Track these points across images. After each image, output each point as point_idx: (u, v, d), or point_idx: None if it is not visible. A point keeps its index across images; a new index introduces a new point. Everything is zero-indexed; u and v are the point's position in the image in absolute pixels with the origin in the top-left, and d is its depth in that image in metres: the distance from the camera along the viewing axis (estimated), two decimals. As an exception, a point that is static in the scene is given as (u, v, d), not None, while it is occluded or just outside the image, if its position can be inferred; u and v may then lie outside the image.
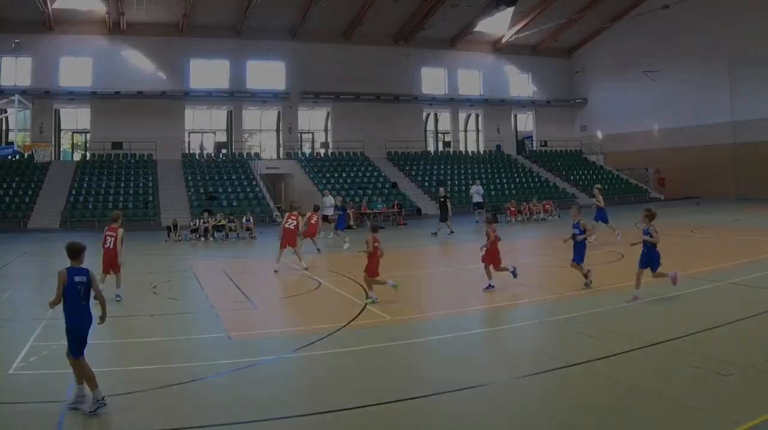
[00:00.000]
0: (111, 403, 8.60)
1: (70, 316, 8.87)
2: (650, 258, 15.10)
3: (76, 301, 8.88)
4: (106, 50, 57.55)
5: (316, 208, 28.02)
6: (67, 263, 9.19)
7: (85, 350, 8.92)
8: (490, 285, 16.94)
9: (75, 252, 9.21)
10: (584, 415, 8.27)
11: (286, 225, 22.69)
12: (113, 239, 16.71)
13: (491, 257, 17.16)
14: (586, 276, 16.72)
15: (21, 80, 55.12)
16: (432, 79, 67.77)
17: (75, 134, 61.60)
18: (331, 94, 63.30)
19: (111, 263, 16.70)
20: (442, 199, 35.83)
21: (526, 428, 8.19)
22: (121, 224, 17.36)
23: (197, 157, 59.55)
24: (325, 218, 34.94)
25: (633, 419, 8.11)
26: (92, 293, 9.17)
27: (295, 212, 23.35)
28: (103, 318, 9.49)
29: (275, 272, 21.43)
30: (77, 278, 8.92)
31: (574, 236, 17.29)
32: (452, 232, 33.69)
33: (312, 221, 26.58)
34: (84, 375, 8.73)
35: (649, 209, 15.44)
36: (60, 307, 8.99)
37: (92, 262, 10.84)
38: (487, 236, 17.22)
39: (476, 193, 42.15)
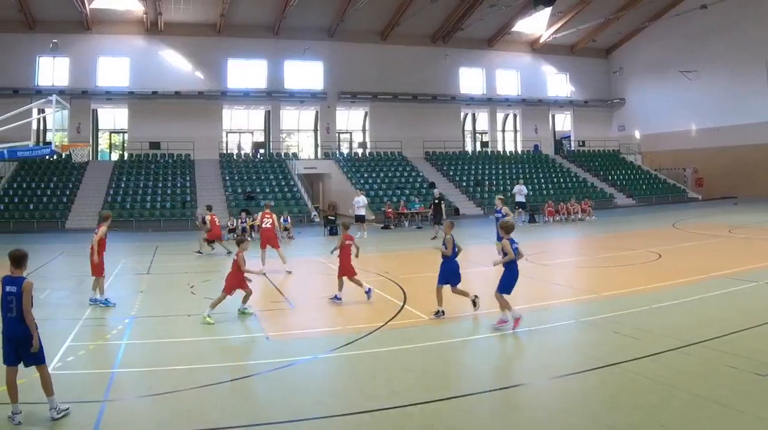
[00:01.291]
0: (149, 402, 8.79)
1: None
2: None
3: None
4: (143, 50, 55.50)
5: (210, 208, 27.02)
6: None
7: (8, 362, 8.34)
8: (336, 297, 15.84)
9: (17, 260, 8.57)
10: (621, 415, 8.05)
11: (264, 225, 21.66)
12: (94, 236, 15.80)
13: (345, 268, 15.93)
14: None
15: (59, 80, 53.42)
16: (470, 79, 64.81)
17: (112, 134, 59.41)
18: (368, 94, 60.53)
19: (91, 264, 15.60)
20: (436, 201, 33.14)
21: (563, 428, 7.82)
22: (108, 225, 16.29)
23: (235, 157, 57.45)
24: (359, 219, 34.13)
25: (670, 420, 7.87)
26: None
27: (268, 211, 22.07)
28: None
29: (288, 273, 20.79)
30: (8, 288, 8.29)
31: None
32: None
33: (216, 223, 25.42)
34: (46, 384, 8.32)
35: (505, 222, 14.20)
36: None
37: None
38: (339, 245, 16.17)
39: (519, 192, 39.34)
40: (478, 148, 66.05)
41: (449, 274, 13.91)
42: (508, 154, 64.91)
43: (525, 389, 9.39)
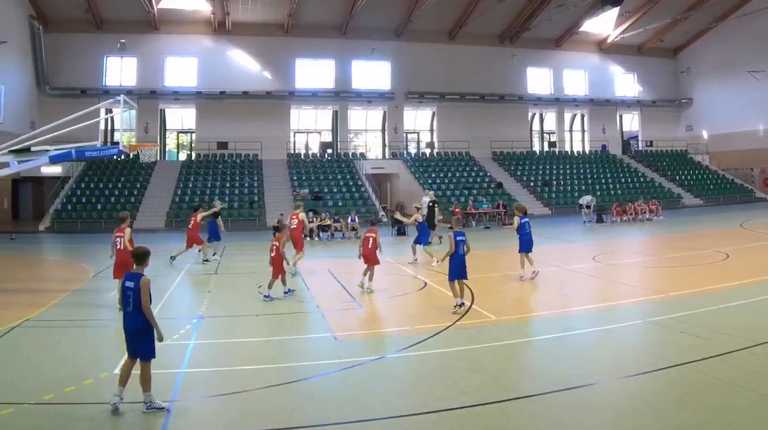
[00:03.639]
0: (217, 403, 8.52)
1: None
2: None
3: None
4: (211, 50, 51.37)
5: (197, 208, 24.15)
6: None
7: (129, 353, 8.30)
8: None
9: (138, 257, 8.59)
10: (688, 415, 7.63)
11: (292, 226, 20.42)
12: (122, 239, 14.53)
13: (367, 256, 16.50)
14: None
15: (126, 80, 49.89)
16: (537, 79, 58.96)
17: (180, 134, 55.07)
18: (436, 94, 55.10)
19: (126, 265, 13.06)
20: (430, 204, 28.21)
21: (631, 428, 7.37)
22: (129, 225, 15.03)
23: (302, 157, 52.81)
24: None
25: (737, 420, 7.44)
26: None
27: (296, 211, 21.05)
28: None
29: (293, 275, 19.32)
30: (126, 283, 8.31)
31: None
32: (430, 243, 25.14)
33: (196, 220, 22.64)
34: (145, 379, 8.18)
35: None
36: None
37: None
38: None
39: (587, 201, 37.78)
40: (546, 149, 60.26)
41: (458, 268, 13.50)
42: (576, 154, 59.30)
43: (592, 389, 8.78)
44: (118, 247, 14.47)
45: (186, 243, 22.32)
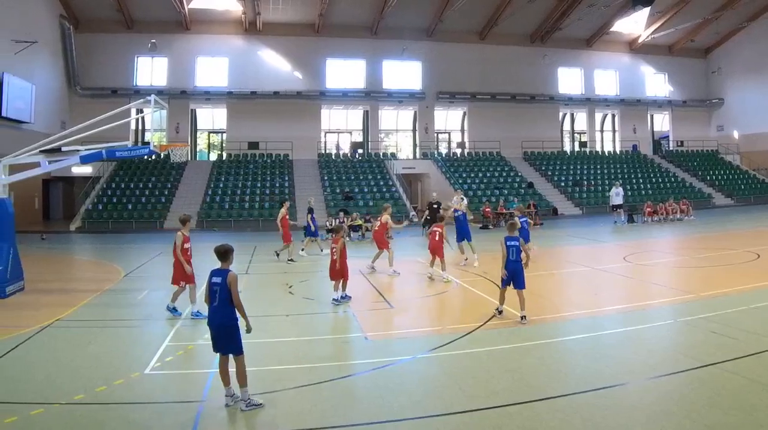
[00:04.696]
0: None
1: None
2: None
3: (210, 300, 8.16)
4: (241, 50, 49.20)
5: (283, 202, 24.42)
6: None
7: (215, 349, 8.17)
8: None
9: (221, 254, 8.34)
10: (719, 415, 7.33)
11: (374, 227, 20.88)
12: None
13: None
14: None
15: (157, 80, 47.97)
16: (568, 79, 56.29)
17: (211, 134, 52.82)
18: (467, 94, 52.56)
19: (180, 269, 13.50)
20: (435, 205, 27.19)
21: (662, 427, 7.06)
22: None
23: (333, 157, 50.54)
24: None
25: None
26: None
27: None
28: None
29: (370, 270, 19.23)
30: (213, 279, 8.12)
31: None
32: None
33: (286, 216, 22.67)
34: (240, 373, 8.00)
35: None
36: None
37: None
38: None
39: (615, 194, 35.80)
40: (577, 148, 57.65)
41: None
42: (607, 154, 56.55)
43: (623, 389, 8.42)
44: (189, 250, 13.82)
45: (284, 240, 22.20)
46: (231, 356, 8.07)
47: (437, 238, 17.47)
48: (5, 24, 36.10)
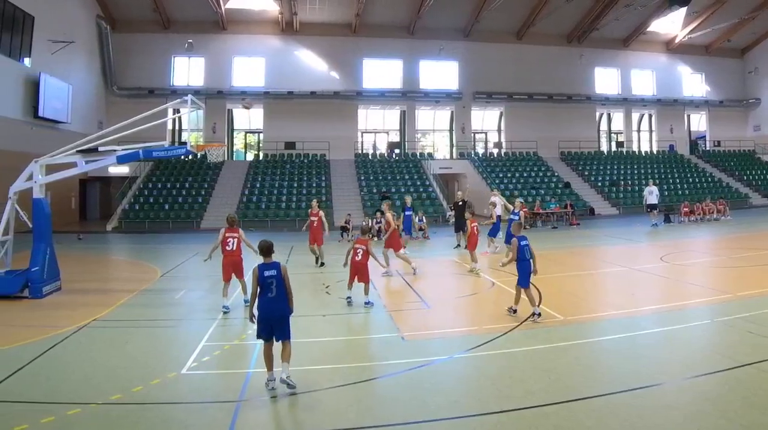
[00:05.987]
0: (285, 402, 7.80)
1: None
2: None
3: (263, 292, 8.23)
4: (278, 50, 46.85)
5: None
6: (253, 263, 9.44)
7: (272, 336, 8.21)
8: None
9: (265, 250, 8.54)
10: (756, 415, 7.00)
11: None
12: (236, 240, 13.33)
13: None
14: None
15: (194, 80, 45.87)
16: (605, 79, 53.44)
17: (248, 134, 50.55)
18: (503, 94, 49.84)
19: (237, 269, 13.37)
20: (460, 203, 24.73)
21: (699, 427, 6.72)
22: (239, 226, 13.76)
23: (370, 156, 48.10)
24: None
25: None
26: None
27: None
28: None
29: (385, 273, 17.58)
30: (267, 273, 8.22)
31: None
32: (459, 245, 23.85)
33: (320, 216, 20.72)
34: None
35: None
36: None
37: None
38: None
39: (649, 193, 33.63)
40: (613, 148, 54.73)
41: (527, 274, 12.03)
42: (643, 154, 53.57)
43: (660, 389, 7.92)
44: (229, 248, 13.42)
45: (315, 242, 20.26)
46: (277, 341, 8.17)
47: (477, 232, 17.83)
48: (43, 24, 34.43)
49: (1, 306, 13.84)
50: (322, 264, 19.63)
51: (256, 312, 8.35)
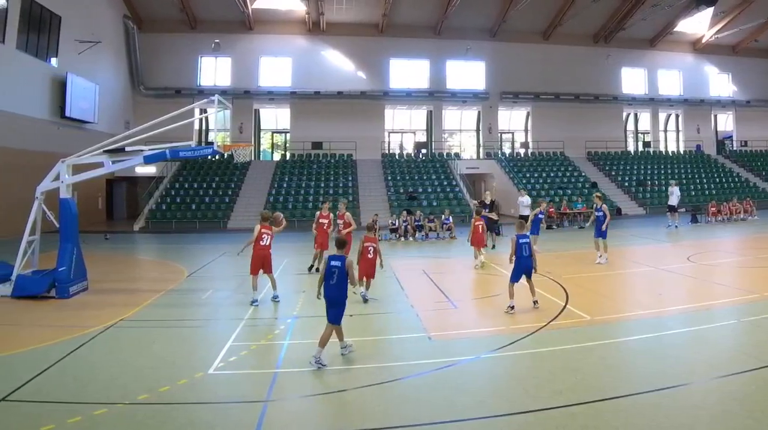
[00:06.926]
0: (311, 402, 7.76)
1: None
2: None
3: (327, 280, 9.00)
4: (305, 50, 45.19)
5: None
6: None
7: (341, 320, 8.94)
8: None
9: (339, 244, 9.50)
10: None
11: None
12: (269, 237, 13.45)
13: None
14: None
15: (221, 80, 44.29)
16: (632, 79, 51.41)
17: (274, 134, 48.89)
18: (530, 94, 48.03)
19: (265, 263, 13.37)
20: (489, 203, 24.67)
21: (726, 427, 6.55)
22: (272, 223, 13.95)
23: (397, 156, 46.33)
24: (523, 218, 25.32)
25: None
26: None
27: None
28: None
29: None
30: (333, 263, 8.98)
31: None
32: (494, 247, 23.37)
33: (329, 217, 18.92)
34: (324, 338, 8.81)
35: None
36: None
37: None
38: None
39: (670, 194, 32.25)
40: (640, 148, 52.53)
41: (519, 271, 12.37)
42: (670, 154, 51.49)
43: (687, 389, 7.72)
44: (263, 243, 13.38)
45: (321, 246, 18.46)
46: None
47: (481, 230, 18.12)
48: (70, 24, 33.21)
49: (29, 306, 13.52)
50: (317, 270, 17.71)
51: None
